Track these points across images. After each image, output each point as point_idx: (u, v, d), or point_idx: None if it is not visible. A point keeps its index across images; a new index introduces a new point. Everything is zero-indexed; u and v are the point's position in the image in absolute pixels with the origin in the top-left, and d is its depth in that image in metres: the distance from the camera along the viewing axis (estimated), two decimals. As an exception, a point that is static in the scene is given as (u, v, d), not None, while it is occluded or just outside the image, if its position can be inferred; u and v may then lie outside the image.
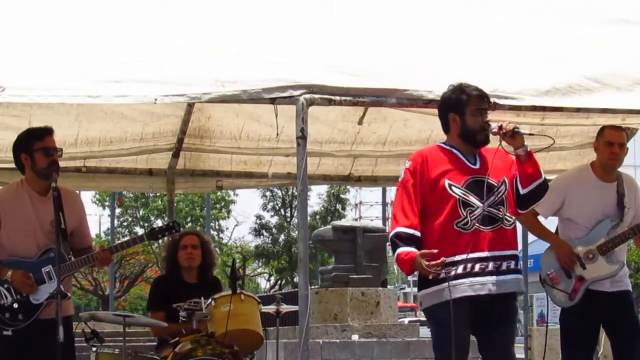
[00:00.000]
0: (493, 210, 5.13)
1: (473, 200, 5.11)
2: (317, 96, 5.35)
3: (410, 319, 38.99)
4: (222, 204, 43.02)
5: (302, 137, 5.32)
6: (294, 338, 12.65)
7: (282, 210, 44.23)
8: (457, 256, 5.06)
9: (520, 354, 11.24)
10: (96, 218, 45.88)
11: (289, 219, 43.44)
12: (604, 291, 6.17)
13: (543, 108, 5.55)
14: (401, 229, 5.10)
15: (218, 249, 37.63)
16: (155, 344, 7.13)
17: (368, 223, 23.31)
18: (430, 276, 5.02)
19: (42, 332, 5.58)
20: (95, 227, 46.23)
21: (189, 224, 38.90)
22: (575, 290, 6.16)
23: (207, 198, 24.97)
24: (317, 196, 45.71)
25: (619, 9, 6.44)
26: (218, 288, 7.02)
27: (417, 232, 5.10)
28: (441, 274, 4.99)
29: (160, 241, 6.84)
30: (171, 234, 6.36)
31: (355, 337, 14.19)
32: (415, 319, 41.80)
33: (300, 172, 5.34)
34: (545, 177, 5.22)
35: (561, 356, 6.30)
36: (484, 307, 5.12)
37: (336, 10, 6.18)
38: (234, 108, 7.42)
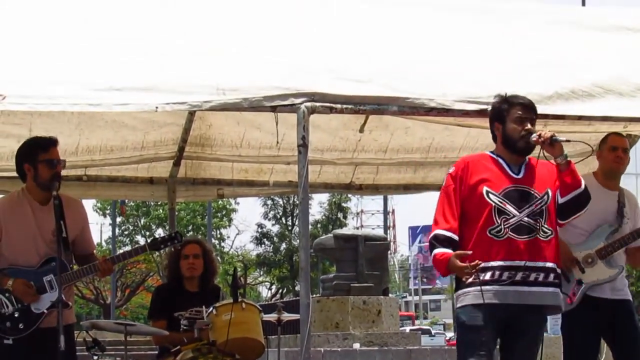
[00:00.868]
0: (530, 220, 5.13)
1: (509, 208, 5.13)
2: (318, 104, 5.34)
3: (411, 328, 38.98)
4: (224, 212, 43.09)
5: (304, 145, 5.32)
6: (296, 346, 12.60)
7: (284, 218, 44.28)
8: (487, 263, 5.07)
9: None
10: (97, 227, 45.95)
11: (290, 228, 43.48)
12: (604, 298, 6.16)
13: (545, 116, 5.55)
14: (440, 231, 5.15)
15: (219, 258, 37.60)
16: (156, 353, 7.11)
17: (369, 231, 23.34)
18: (464, 278, 5.08)
19: (43, 341, 5.56)
20: (96, 236, 46.21)
21: (190, 232, 38.92)
22: (574, 294, 6.15)
23: (208, 206, 25.02)
24: (318, 204, 45.75)
25: (620, 17, 6.46)
26: (219, 296, 7.01)
27: (455, 236, 5.14)
28: (474, 276, 5.01)
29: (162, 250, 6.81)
30: (173, 244, 6.35)
31: (356, 346, 14.18)
32: (416, 328, 41.81)
33: (301, 181, 5.33)
34: (586, 187, 5.23)
35: (563, 364, 6.29)
36: (510, 317, 5.14)
37: (337, 14, 6.17)
38: (235, 116, 7.40)
